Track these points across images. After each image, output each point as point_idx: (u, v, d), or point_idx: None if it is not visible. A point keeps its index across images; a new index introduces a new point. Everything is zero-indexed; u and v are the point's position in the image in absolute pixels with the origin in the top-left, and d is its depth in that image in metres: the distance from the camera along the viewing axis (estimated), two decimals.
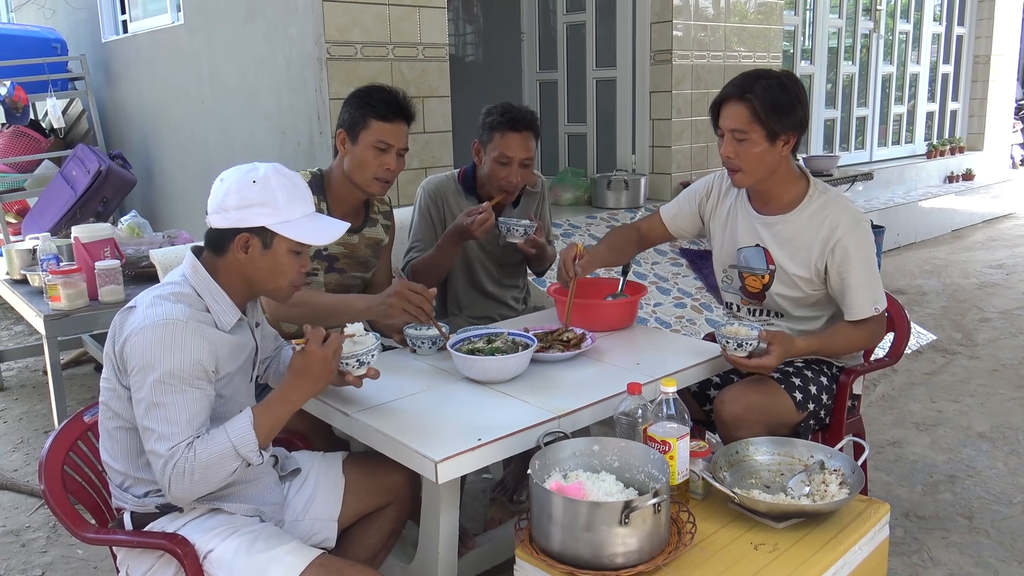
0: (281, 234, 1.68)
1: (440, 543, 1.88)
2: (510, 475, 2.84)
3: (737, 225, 2.40)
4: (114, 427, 1.70)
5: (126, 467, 1.70)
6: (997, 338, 4.78)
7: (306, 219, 1.72)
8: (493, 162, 2.62)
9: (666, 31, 5.57)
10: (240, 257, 1.70)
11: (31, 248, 3.71)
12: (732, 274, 2.44)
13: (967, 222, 8.38)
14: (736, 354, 2.10)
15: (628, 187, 5.45)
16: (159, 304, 1.63)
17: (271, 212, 1.67)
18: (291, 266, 1.74)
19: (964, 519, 2.80)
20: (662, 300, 4.36)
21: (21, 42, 5.84)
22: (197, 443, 1.59)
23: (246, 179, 1.68)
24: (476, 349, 2.11)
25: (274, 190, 1.67)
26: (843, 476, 1.80)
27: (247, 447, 1.60)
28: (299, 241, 1.71)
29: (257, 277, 1.73)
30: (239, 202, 1.66)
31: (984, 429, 3.52)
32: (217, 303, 1.71)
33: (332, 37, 3.88)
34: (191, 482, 1.57)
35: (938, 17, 8.97)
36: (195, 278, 1.71)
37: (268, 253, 1.70)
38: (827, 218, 2.24)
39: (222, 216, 1.68)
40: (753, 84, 2.16)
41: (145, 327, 1.59)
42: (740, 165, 2.21)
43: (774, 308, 2.38)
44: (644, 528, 1.51)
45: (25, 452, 3.59)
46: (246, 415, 1.63)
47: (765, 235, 2.33)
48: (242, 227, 1.67)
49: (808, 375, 2.30)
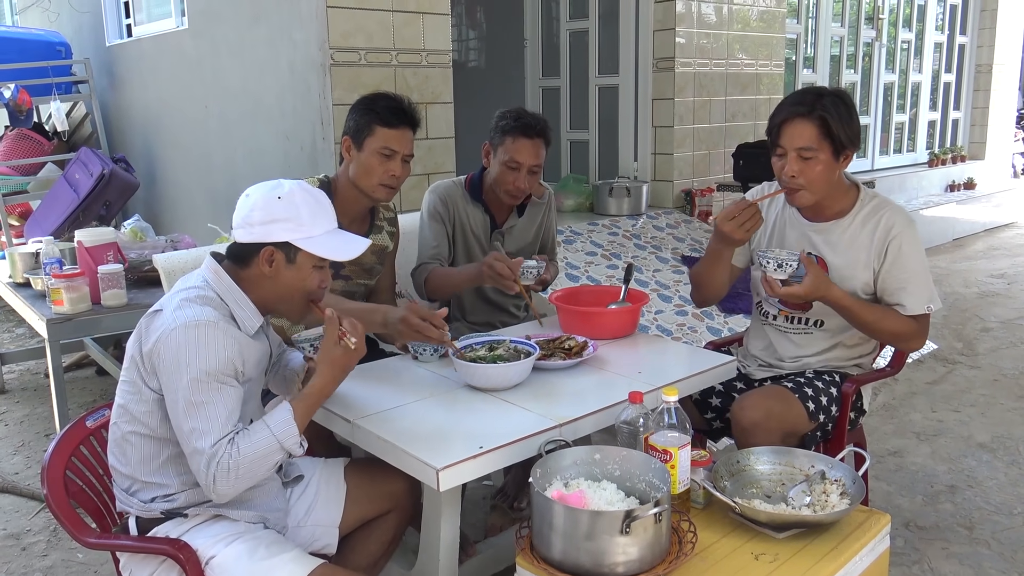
0: (305, 249, 1.72)
1: (441, 550, 1.88)
2: (511, 482, 2.84)
3: (785, 235, 2.38)
4: (129, 431, 1.71)
5: (134, 472, 1.71)
6: (998, 348, 4.78)
7: (329, 235, 1.76)
8: (502, 166, 2.63)
9: (669, 38, 5.59)
10: (264, 270, 1.73)
11: (34, 251, 3.71)
12: None
13: (968, 231, 8.38)
14: (776, 275, 2.15)
15: (630, 194, 5.45)
16: (187, 306, 1.66)
17: (295, 227, 1.71)
18: (313, 280, 1.77)
19: (965, 530, 2.80)
20: (663, 308, 4.36)
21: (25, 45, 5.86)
22: (238, 439, 1.62)
23: (271, 195, 1.72)
24: (478, 356, 2.11)
25: (298, 206, 1.71)
26: (844, 486, 1.80)
27: (290, 439, 1.64)
28: (322, 256, 1.75)
29: (279, 291, 1.76)
30: (264, 217, 1.70)
31: (985, 439, 3.51)
32: (241, 308, 1.74)
33: (336, 43, 3.90)
34: (236, 477, 1.59)
35: (940, 26, 8.99)
36: (219, 284, 1.74)
37: (292, 267, 1.74)
38: (881, 219, 2.25)
39: (247, 231, 1.72)
40: (818, 101, 2.16)
41: (176, 328, 1.61)
42: (804, 183, 2.19)
43: (817, 316, 2.36)
44: (645, 537, 1.51)
45: (26, 455, 3.59)
46: (285, 408, 1.67)
47: (819, 242, 2.31)
48: (267, 241, 1.71)
49: (820, 385, 2.31)
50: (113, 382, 4.34)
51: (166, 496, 1.71)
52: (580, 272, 4.49)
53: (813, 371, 2.37)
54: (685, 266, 4.86)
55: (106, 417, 1.91)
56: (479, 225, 2.77)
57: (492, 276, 2.39)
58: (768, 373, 2.46)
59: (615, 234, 5.09)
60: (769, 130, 2.27)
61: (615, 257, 4.78)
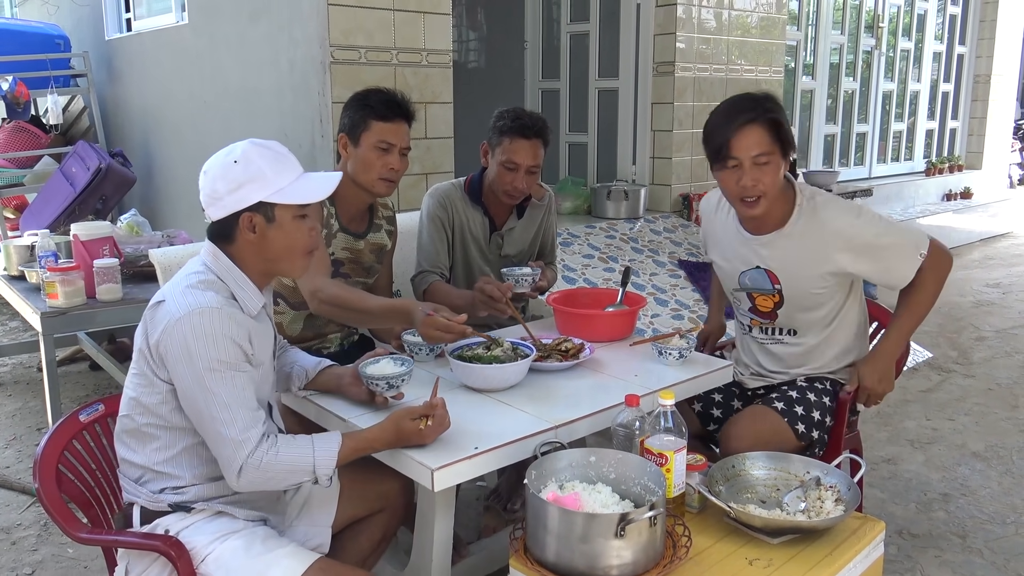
0: (280, 203, 1.68)
1: (434, 550, 1.87)
2: (505, 484, 2.83)
3: (735, 249, 2.35)
4: (144, 423, 1.69)
5: (148, 461, 1.70)
6: (993, 357, 4.78)
7: (299, 181, 1.71)
8: (500, 166, 2.62)
9: (669, 43, 5.59)
10: (250, 238, 1.69)
11: (29, 244, 3.70)
12: (740, 296, 2.40)
13: (964, 240, 8.40)
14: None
15: (628, 197, 5.45)
16: (190, 294, 1.63)
17: (262, 185, 1.66)
18: (301, 233, 1.73)
19: (958, 538, 2.80)
20: (660, 311, 4.36)
21: (24, 38, 5.84)
22: (281, 443, 1.62)
23: (227, 161, 1.67)
24: (475, 357, 2.10)
25: (258, 163, 1.67)
26: (839, 493, 1.79)
27: (325, 469, 1.64)
28: (298, 203, 1.70)
29: (272, 253, 1.72)
30: (229, 186, 1.66)
31: (979, 448, 3.52)
32: (242, 288, 1.71)
33: (336, 41, 3.89)
34: (264, 477, 1.60)
35: (939, 36, 9.01)
36: (217, 265, 1.71)
37: (274, 226, 1.69)
38: (823, 224, 2.19)
39: (218, 206, 1.68)
40: (762, 104, 2.11)
41: (181, 318, 1.59)
42: (764, 190, 2.11)
43: (788, 326, 2.36)
44: (639, 541, 1.51)
45: (17, 449, 3.58)
46: (336, 440, 1.66)
47: (766, 255, 2.28)
48: (241, 209, 1.67)
49: (812, 398, 2.29)
50: (106, 377, 4.33)
51: (176, 488, 1.70)
52: (577, 275, 4.49)
53: (805, 379, 2.36)
54: (682, 270, 4.86)
55: (100, 412, 1.90)
56: (478, 227, 2.76)
57: (484, 301, 2.36)
58: (761, 382, 2.45)
59: (612, 237, 5.09)
60: (717, 145, 2.13)
61: (612, 260, 4.77)
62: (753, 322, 2.41)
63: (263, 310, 1.77)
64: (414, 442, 1.70)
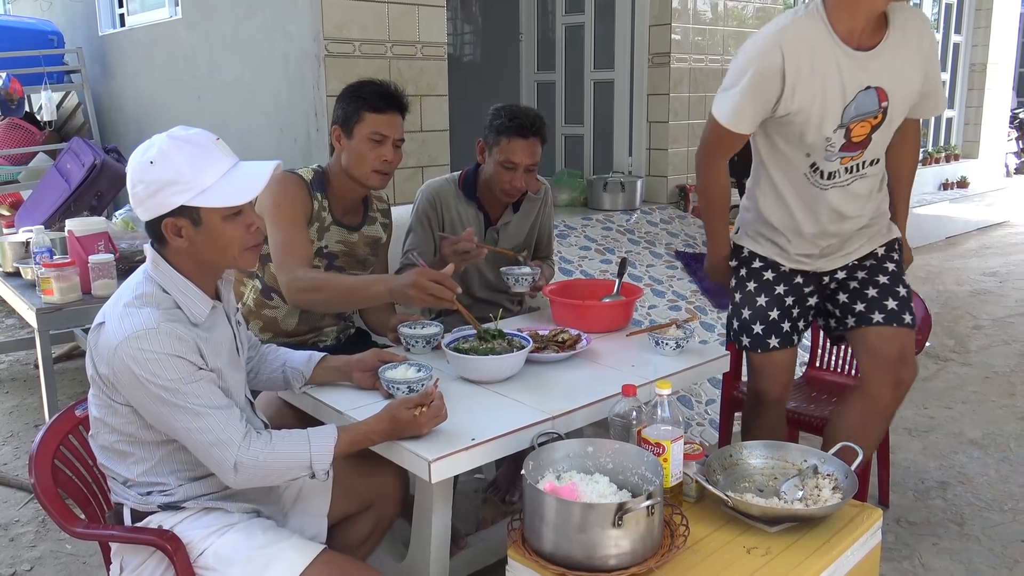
0: (203, 206, 1.55)
1: (432, 542, 1.87)
2: (502, 475, 2.83)
3: (838, 77, 2.11)
4: (114, 440, 1.65)
5: (129, 474, 1.67)
6: (989, 345, 4.79)
7: (224, 178, 1.56)
8: (498, 165, 2.60)
9: (664, 34, 5.58)
10: (178, 243, 1.58)
11: (24, 241, 3.68)
12: (838, 135, 2.17)
13: (961, 229, 8.40)
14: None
15: (624, 189, 5.45)
16: (126, 316, 1.54)
17: (182, 188, 1.52)
18: (234, 233, 1.60)
19: (955, 525, 2.80)
20: (657, 302, 4.36)
21: (17, 34, 5.82)
22: (276, 438, 1.61)
23: (143, 162, 1.54)
24: (471, 348, 2.10)
25: (175, 163, 1.52)
26: (836, 481, 1.80)
27: (322, 464, 1.63)
28: (224, 207, 1.56)
29: (206, 256, 1.61)
30: (148, 189, 1.53)
31: (976, 436, 3.52)
32: (185, 295, 1.61)
33: (331, 34, 3.88)
34: (261, 473, 1.59)
35: (936, 24, 8.99)
36: (157, 273, 1.61)
37: (202, 229, 1.57)
38: (920, 33, 2.18)
39: (142, 209, 1.56)
40: None
41: (119, 345, 1.51)
42: None
43: (872, 155, 2.26)
44: (637, 530, 1.51)
45: (15, 446, 3.57)
46: (331, 434, 1.65)
47: (875, 70, 2.12)
48: (163, 214, 1.55)
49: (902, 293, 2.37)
50: None
51: (163, 491, 1.67)
52: (574, 266, 4.49)
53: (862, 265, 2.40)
54: (679, 261, 4.86)
55: None
56: (472, 223, 2.74)
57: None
58: (810, 266, 2.40)
59: (609, 229, 5.09)
60: None
61: (609, 252, 4.77)
62: (844, 160, 2.23)
63: (213, 313, 1.67)
64: (410, 432, 1.70)
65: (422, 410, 1.69)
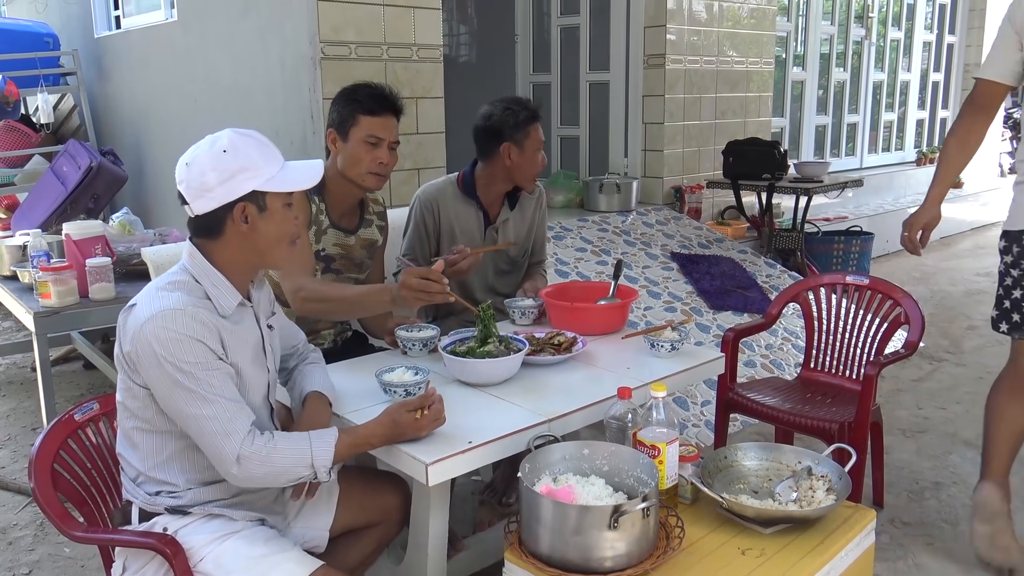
0: (272, 191, 1.66)
1: (429, 545, 1.88)
2: (499, 478, 2.84)
3: None
4: (131, 427, 1.69)
5: (141, 465, 1.70)
6: (983, 346, 4.81)
7: (286, 169, 1.70)
8: (535, 153, 2.66)
9: (659, 35, 5.60)
10: (242, 229, 1.66)
11: (21, 244, 3.68)
12: None
13: (955, 230, 8.43)
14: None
15: (620, 190, 5.46)
16: (156, 298, 1.61)
17: (254, 174, 1.64)
18: (289, 221, 1.72)
19: (949, 526, 2.82)
20: (652, 304, 4.37)
21: (13, 36, 5.81)
22: (278, 436, 1.62)
23: (216, 151, 1.63)
24: (468, 351, 2.11)
25: (248, 152, 1.64)
26: (830, 482, 1.81)
27: (323, 464, 1.64)
28: (292, 191, 1.70)
29: (262, 244, 1.69)
30: (221, 176, 1.62)
31: (970, 436, 3.54)
32: (216, 287, 1.68)
33: (326, 36, 3.89)
34: (262, 470, 1.60)
35: (929, 25, 9.03)
36: (192, 265, 1.68)
37: (266, 215, 1.67)
38: None
39: (207, 198, 1.64)
40: None
41: (144, 323, 1.58)
42: None
43: None
44: (633, 532, 1.52)
45: (12, 449, 3.57)
46: (332, 435, 1.66)
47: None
48: (234, 199, 1.64)
49: None
50: (100, 376, 4.32)
51: (171, 493, 1.69)
52: (570, 268, 4.50)
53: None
54: (674, 263, 4.88)
55: (95, 411, 1.90)
56: (472, 222, 2.76)
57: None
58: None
59: (605, 230, 5.10)
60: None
61: (605, 253, 4.79)
62: None
63: (241, 309, 1.73)
64: (410, 435, 1.71)
65: (423, 412, 1.70)
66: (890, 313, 2.85)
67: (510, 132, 2.63)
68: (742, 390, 2.86)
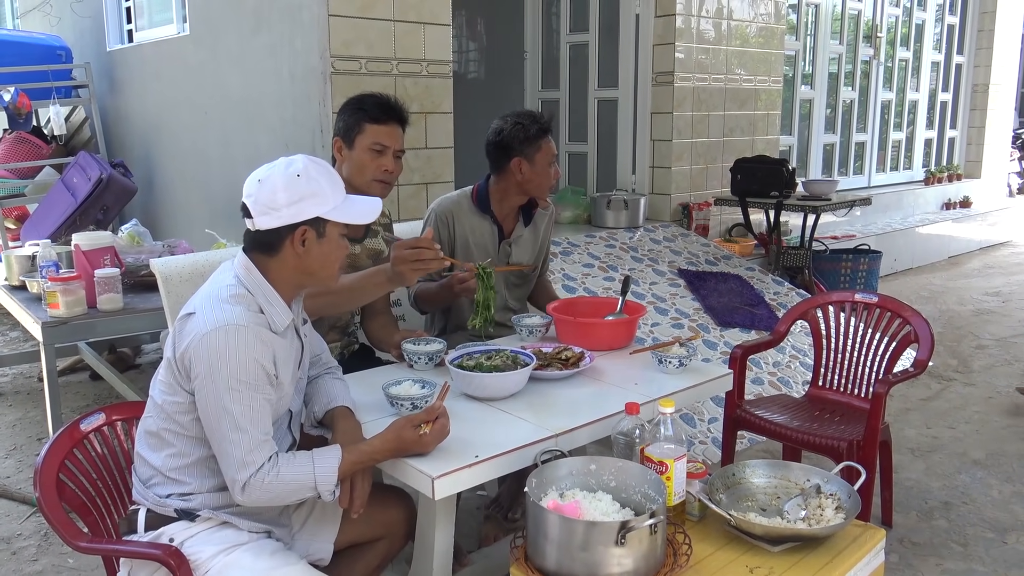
0: (334, 220, 1.72)
1: (435, 559, 1.87)
2: (505, 492, 2.83)
3: None
4: (164, 428, 1.71)
5: (162, 465, 1.72)
6: (992, 365, 4.79)
7: (348, 201, 1.76)
8: (547, 167, 2.69)
9: (668, 53, 5.62)
10: (298, 251, 1.71)
11: (30, 254, 3.70)
12: None
13: (964, 249, 8.41)
14: None
15: (627, 207, 5.47)
16: (219, 309, 1.64)
17: (322, 201, 1.70)
18: (343, 250, 1.78)
19: (959, 546, 2.79)
20: (660, 320, 4.36)
21: (26, 49, 5.86)
22: (281, 460, 1.63)
23: (290, 174, 1.70)
24: (476, 366, 2.11)
25: (319, 179, 1.71)
26: (839, 501, 1.80)
27: (326, 484, 1.65)
28: (352, 223, 1.76)
29: (313, 267, 1.74)
30: (290, 197, 1.68)
31: (979, 456, 3.52)
32: (271, 304, 1.72)
33: (337, 51, 3.91)
34: (267, 496, 1.62)
35: (938, 45, 9.04)
36: (249, 279, 1.72)
37: (322, 241, 1.73)
38: None
39: (273, 216, 1.69)
40: None
41: (207, 333, 1.61)
42: None
43: None
44: (640, 549, 1.51)
45: (18, 459, 3.57)
46: (335, 455, 1.67)
47: None
48: (297, 221, 1.69)
49: None
50: (106, 386, 4.33)
51: (183, 495, 1.71)
52: (577, 284, 4.50)
53: None
54: (682, 279, 4.87)
55: (100, 421, 1.91)
56: (487, 236, 2.76)
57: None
58: None
59: (612, 246, 5.10)
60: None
61: (612, 269, 4.78)
62: None
63: (290, 326, 1.77)
64: (415, 450, 1.71)
65: (430, 427, 1.70)
66: (899, 331, 2.84)
67: (520, 146, 2.64)
68: (750, 407, 2.84)
